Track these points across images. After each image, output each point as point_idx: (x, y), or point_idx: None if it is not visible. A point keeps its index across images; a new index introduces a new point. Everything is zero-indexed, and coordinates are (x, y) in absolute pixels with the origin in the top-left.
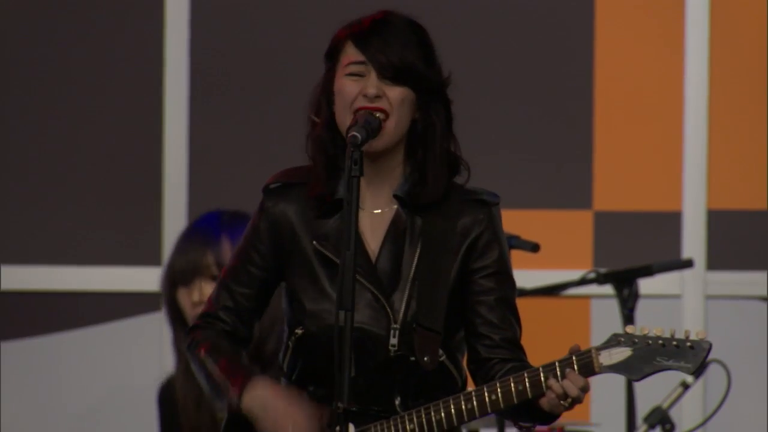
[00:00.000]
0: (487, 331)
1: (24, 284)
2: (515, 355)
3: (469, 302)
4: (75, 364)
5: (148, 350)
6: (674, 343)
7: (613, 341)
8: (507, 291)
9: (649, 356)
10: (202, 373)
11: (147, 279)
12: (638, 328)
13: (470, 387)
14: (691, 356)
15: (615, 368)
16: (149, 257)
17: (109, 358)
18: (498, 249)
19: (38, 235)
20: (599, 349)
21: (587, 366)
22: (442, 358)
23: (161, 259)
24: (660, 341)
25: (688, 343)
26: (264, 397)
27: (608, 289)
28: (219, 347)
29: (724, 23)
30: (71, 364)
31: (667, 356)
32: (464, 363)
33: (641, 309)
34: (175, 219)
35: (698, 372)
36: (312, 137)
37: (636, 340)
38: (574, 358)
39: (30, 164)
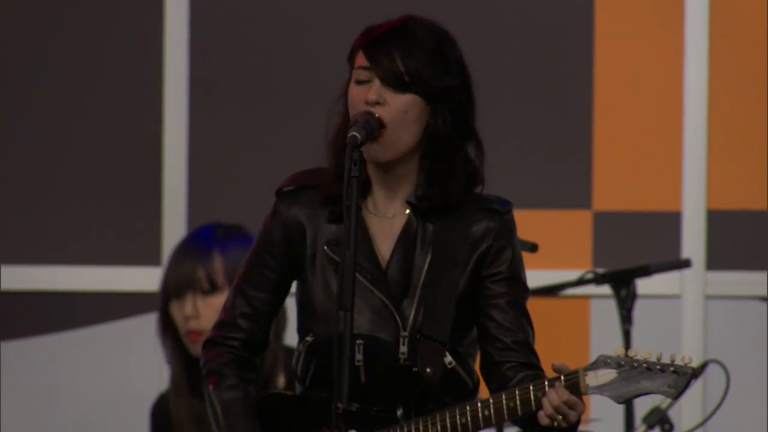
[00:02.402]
0: (499, 334)
1: (24, 284)
2: (527, 359)
3: (480, 306)
4: (74, 364)
5: (147, 350)
6: (659, 367)
7: (600, 363)
8: (519, 294)
9: (633, 379)
10: (210, 409)
11: (146, 279)
12: (627, 350)
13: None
14: (674, 381)
15: (600, 389)
16: (148, 257)
17: (109, 358)
18: (510, 254)
19: (38, 235)
20: (586, 369)
21: (574, 386)
22: (452, 365)
23: (161, 259)
24: (645, 365)
25: (672, 368)
26: None
27: (607, 289)
28: (225, 382)
29: (724, 23)
30: (70, 364)
31: (651, 380)
32: (477, 367)
33: (641, 309)
34: (174, 219)
35: (680, 396)
36: (328, 142)
37: (622, 363)
38: (562, 377)
39: (30, 164)
